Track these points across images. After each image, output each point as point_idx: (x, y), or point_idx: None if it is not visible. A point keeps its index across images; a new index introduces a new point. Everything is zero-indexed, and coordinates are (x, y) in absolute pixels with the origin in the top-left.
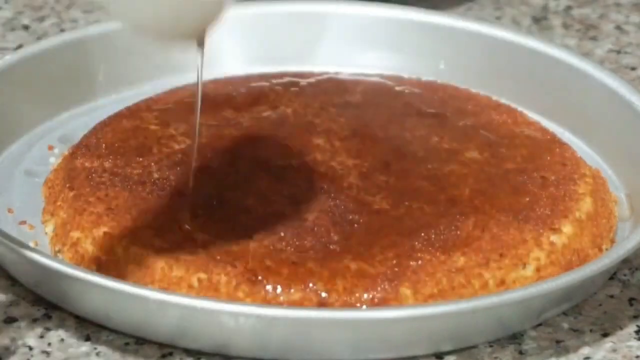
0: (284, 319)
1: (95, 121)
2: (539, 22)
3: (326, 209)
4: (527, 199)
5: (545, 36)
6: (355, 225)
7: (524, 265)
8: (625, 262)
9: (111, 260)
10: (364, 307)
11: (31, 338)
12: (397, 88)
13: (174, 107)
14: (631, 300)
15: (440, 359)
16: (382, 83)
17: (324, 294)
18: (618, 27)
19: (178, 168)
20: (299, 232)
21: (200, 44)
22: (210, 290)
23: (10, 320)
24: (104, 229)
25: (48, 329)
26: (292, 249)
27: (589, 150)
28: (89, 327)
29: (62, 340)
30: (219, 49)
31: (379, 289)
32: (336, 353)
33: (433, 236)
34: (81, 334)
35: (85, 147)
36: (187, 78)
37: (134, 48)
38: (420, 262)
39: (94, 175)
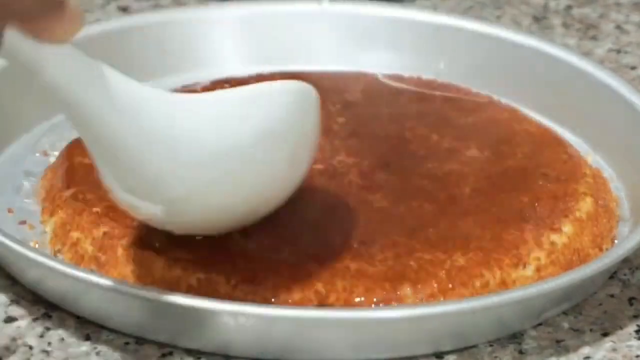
0: (284, 319)
1: None
2: (539, 22)
3: (326, 208)
4: (528, 198)
5: (545, 36)
6: (355, 224)
7: (524, 265)
8: (626, 261)
9: (111, 261)
10: (364, 307)
11: (31, 337)
12: (397, 87)
13: None
14: (631, 300)
15: (440, 359)
16: (382, 82)
17: (323, 294)
18: (618, 27)
19: None
20: (298, 231)
21: None
22: (210, 290)
23: (10, 320)
24: (103, 229)
25: (48, 329)
26: (292, 249)
27: (589, 150)
28: (89, 327)
29: (62, 339)
30: (219, 49)
31: (379, 288)
32: (336, 353)
33: (433, 235)
34: (81, 333)
35: (84, 146)
36: (186, 78)
37: (134, 48)
38: (420, 261)
39: (93, 174)
